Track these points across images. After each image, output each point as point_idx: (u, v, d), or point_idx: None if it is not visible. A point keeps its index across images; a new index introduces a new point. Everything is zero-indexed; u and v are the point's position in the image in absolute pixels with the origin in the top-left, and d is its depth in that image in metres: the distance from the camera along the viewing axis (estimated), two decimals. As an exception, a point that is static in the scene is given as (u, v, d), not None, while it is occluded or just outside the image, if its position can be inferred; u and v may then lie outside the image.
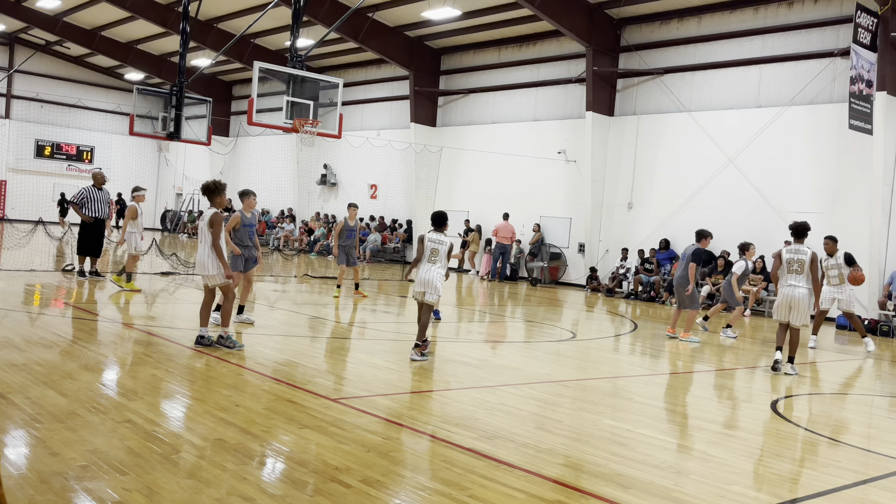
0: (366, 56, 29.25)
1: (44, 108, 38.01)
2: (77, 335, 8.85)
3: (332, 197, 32.24)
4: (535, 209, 24.06)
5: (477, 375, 8.30)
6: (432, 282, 8.79)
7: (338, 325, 11.73)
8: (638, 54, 21.77)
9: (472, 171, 26.30)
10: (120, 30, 32.47)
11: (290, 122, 14.97)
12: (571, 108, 23.46)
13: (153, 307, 12.13)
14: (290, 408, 6.19)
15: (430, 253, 8.89)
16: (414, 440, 5.54)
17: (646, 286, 20.35)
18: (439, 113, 27.81)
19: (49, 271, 15.58)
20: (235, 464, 4.73)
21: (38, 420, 5.30)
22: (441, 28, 25.17)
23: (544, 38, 24.14)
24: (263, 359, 8.38)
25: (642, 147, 21.68)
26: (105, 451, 4.75)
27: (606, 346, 11.80)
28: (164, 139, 18.76)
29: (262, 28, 27.34)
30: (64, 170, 39.06)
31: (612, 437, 6.02)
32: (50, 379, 6.52)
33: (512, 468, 5.03)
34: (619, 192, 22.24)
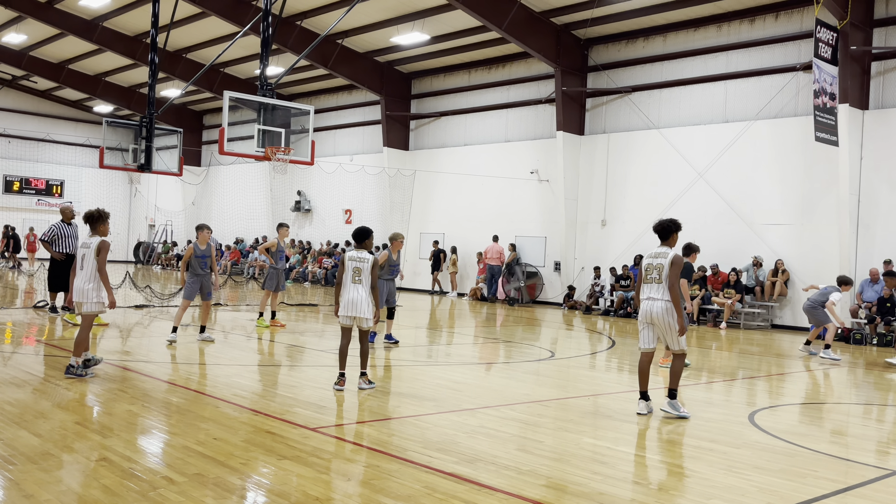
0: (336, 82, 29.36)
1: (11, 143, 37.61)
2: (49, 373, 8.71)
3: (306, 223, 32.16)
4: (510, 229, 24.18)
5: (456, 398, 8.28)
6: (361, 304, 8.25)
7: (314, 352, 11.65)
8: (606, 73, 22.07)
9: (446, 193, 26.40)
10: (87, 62, 32.32)
11: (262, 151, 14.94)
12: (542, 129, 23.68)
13: (127, 341, 11.98)
14: (268, 439, 6.13)
15: (353, 272, 8.33)
16: (395, 467, 5.51)
17: (622, 303, 20.48)
18: (412, 136, 27.93)
19: (20, 308, 15.35)
20: (215, 498, 4.67)
21: (10, 461, 5.20)
22: (411, 52, 25.35)
23: (513, 60, 24.40)
24: (240, 390, 8.30)
25: (613, 164, 21.92)
26: (81, 492, 4.67)
27: (585, 364, 11.83)
28: (134, 171, 18.62)
29: (231, 57, 27.35)
30: (34, 204, 38.63)
31: (592, 456, 6.02)
32: (22, 419, 6.41)
33: (494, 491, 5.02)
34: (593, 209, 22.42)
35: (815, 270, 17.97)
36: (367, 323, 8.37)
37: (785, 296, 18.46)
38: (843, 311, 16.10)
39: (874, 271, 16.62)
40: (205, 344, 11.54)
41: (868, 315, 16.27)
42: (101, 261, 8.51)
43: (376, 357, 11.18)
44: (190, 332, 12.58)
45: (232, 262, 33.11)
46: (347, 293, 8.33)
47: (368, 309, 8.32)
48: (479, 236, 25.10)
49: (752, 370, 11.69)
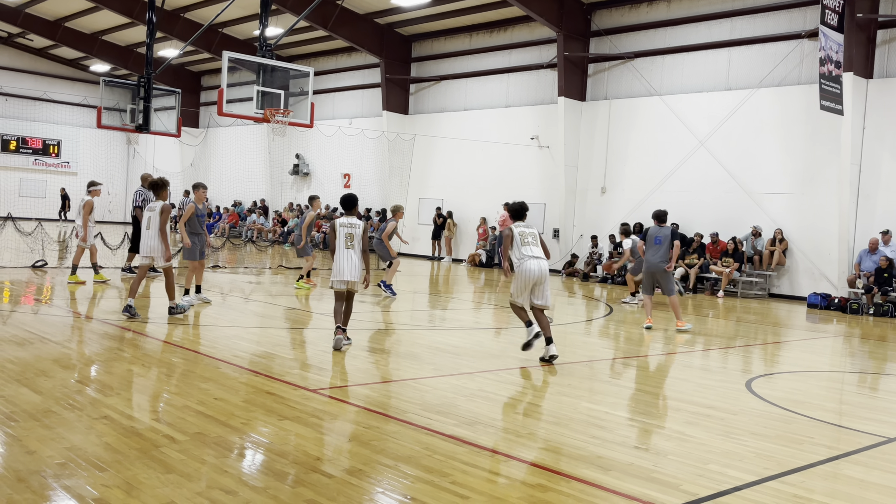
0: (336, 44, 29.05)
1: (7, 101, 37.27)
2: (50, 332, 8.73)
3: (304, 187, 32.04)
4: (509, 195, 24.08)
5: (455, 362, 8.32)
6: (354, 269, 8.48)
7: (314, 315, 11.68)
8: (608, 39, 21.84)
9: (445, 159, 26.28)
10: (84, 20, 31.90)
11: (261, 112, 14.84)
12: (543, 94, 23.50)
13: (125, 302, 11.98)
14: (269, 400, 6.16)
15: (346, 238, 8.53)
16: (394, 429, 5.55)
17: (620, 270, 20.51)
18: (411, 100, 27.72)
19: (19, 268, 15.34)
20: (216, 457, 4.71)
21: (12, 418, 5.23)
22: (411, 15, 25.05)
23: (515, 24, 24.12)
24: (240, 351, 8.33)
25: (615, 131, 21.80)
26: (83, 448, 4.70)
27: (582, 330, 11.87)
28: (132, 131, 18.50)
29: (230, 17, 27.01)
30: (30, 164, 38.42)
31: (590, 420, 6.07)
32: (24, 377, 6.43)
33: (493, 453, 5.06)
34: (593, 176, 22.35)
35: (815, 239, 18.00)
36: (358, 287, 8.64)
37: (783, 265, 18.49)
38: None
39: (873, 241, 16.63)
40: (202, 305, 11.56)
41: (865, 285, 16.33)
42: (163, 221, 9.98)
43: (376, 321, 11.22)
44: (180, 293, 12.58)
45: (230, 225, 33.06)
46: (340, 259, 8.52)
47: (360, 272, 8.56)
48: (477, 202, 25.05)
49: (749, 338, 11.75)
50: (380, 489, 4.40)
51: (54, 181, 38.22)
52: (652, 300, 12.30)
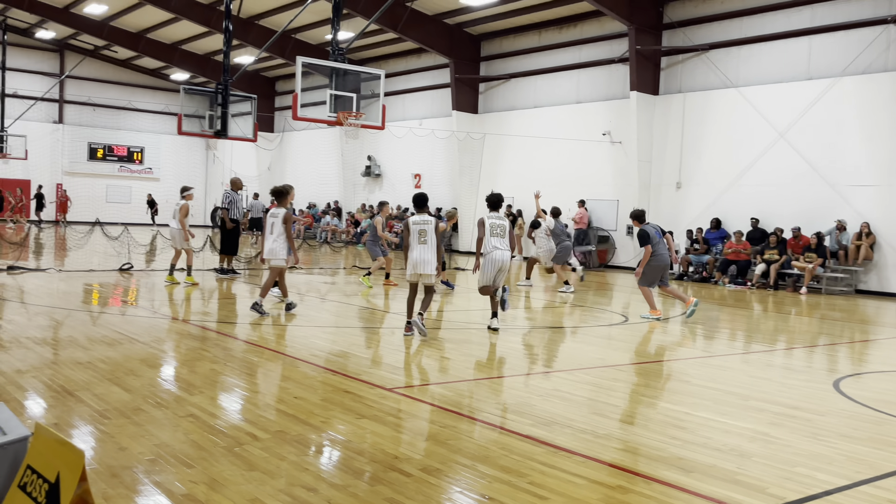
0: (406, 46, 29.29)
1: (95, 111, 38.94)
2: (137, 332, 9.07)
3: (376, 188, 32.40)
4: (581, 192, 23.85)
5: (530, 362, 8.28)
6: (427, 262, 9.14)
7: (389, 315, 11.80)
8: (682, 31, 21.38)
9: (515, 157, 26.19)
10: (165, 31, 33.06)
11: (334, 116, 15.07)
12: (615, 89, 23.16)
13: (208, 303, 12.36)
14: (346, 398, 6.26)
15: (419, 234, 9.18)
16: (470, 428, 5.56)
17: (697, 266, 20.05)
18: (481, 99, 27.72)
19: (107, 271, 15.98)
20: (297, 455, 4.81)
21: (105, 416, 5.45)
22: (480, 14, 25.05)
23: (585, 19, 23.85)
24: (317, 350, 8.48)
25: (689, 125, 21.32)
26: (171, 445, 4.87)
27: (659, 329, 11.66)
28: (211, 137, 19.06)
29: (302, 23, 27.55)
30: (116, 171, 40.02)
31: (670, 421, 5.95)
32: (114, 375, 6.70)
33: (571, 454, 5.02)
34: (667, 171, 21.91)
35: (904, 234, 17.22)
36: (430, 279, 9.25)
37: (871, 260, 17.75)
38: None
39: (969, 234, 15.80)
40: (279, 306, 11.81)
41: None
42: (288, 227, 10.74)
43: (449, 321, 11.26)
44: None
45: (305, 227, 33.71)
46: (414, 253, 9.17)
47: (432, 266, 9.19)
48: (548, 200, 24.84)
49: (834, 336, 11.32)
50: (457, 488, 4.41)
51: (139, 187, 39.72)
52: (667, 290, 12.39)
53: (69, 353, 7.60)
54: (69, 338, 8.48)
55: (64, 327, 9.20)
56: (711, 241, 20.15)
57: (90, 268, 16.18)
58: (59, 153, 38.24)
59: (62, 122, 38.66)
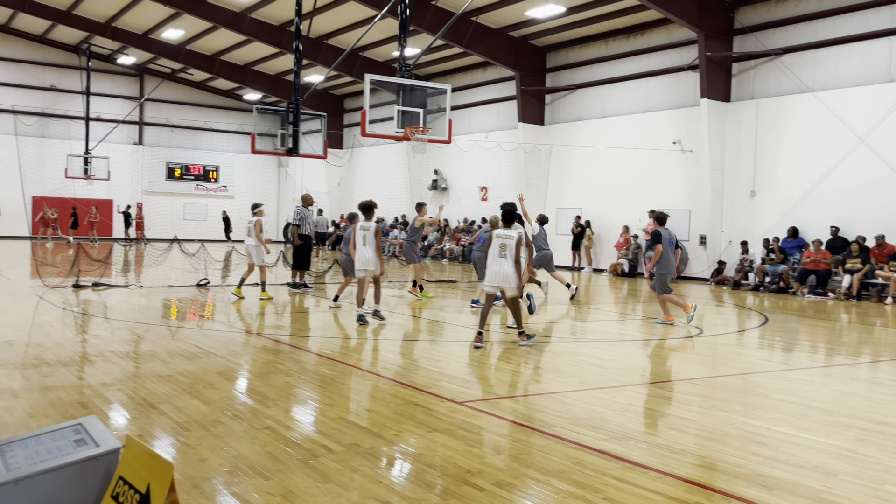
0: (471, 60, 29.43)
1: (173, 132, 40.36)
2: (214, 346, 9.32)
3: (443, 201, 32.56)
4: (651, 202, 23.46)
5: (602, 375, 8.17)
6: (507, 275, 9.33)
7: (455, 327, 11.82)
8: (753, 36, 20.88)
9: (582, 167, 25.97)
10: (237, 53, 34.07)
11: (402, 131, 15.22)
12: (685, 97, 22.77)
13: (281, 317, 12.62)
14: (417, 412, 6.29)
15: (500, 248, 9.40)
16: (543, 442, 5.51)
17: (773, 277, 19.47)
18: (547, 111, 27.61)
19: (185, 286, 16.48)
20: (370, 467, 4.85)
21: (185, 428, 5.61)
22: (545, 26, 25.00)
23: (652, 27, 23.55)
24: (388, 363, 8.55)
25: (763, 132, 20.77)
26: (248, 457, 4.98)
27: (735, 342, 11.35)
28: (283, 155, 19.47)
29: (370, 41, 28.00)
30: (192, 189, 41.31)
31: (749, 436, 5.78)
32: (193, 388, 6.90)
33: (646, 469, 4.92)
34: (740, 180, 21.38)
35: None
36: (514, 291, 9.41)
37: (961, 268, 16.91)
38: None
39: None
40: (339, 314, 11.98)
41: None
42: (378, 240, 11.51)
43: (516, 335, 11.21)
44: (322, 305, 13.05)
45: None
46: (494, 266, 9.40)
47: (513, 279, 9.33)
48: (618, 210, 24.56)
49: (924, 349, 10.81)
50: (531, 503, 4.38)
51: (214, 205, 40.90)
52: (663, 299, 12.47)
53: (151, 367, 7.86)
54: (150, 351, 8.77)
55: (145, 341, 9.53)
56: (788, 251, 19.53)
57: (169, 283, 16.72)
58: (140, 173, 39.71)
59: (142, 144, 40.15)
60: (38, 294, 14.16)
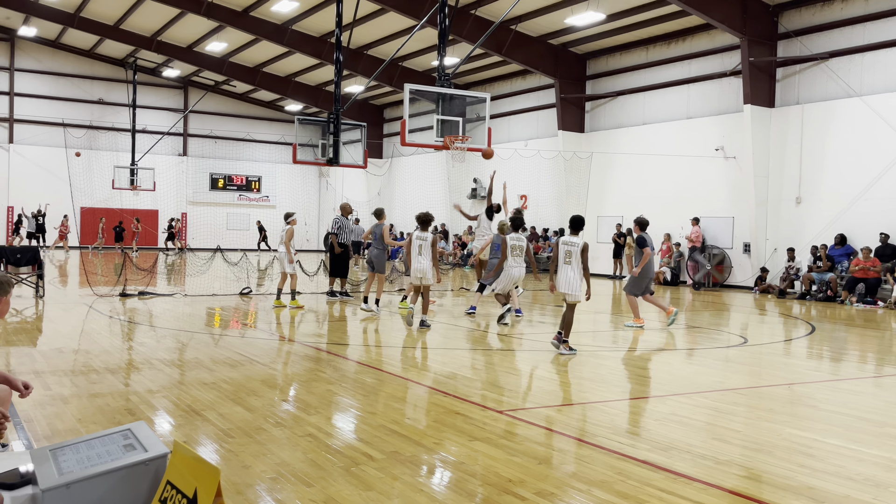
0: (510, 68, 29.44)
1: (216, 143, 41.07)
2: (256, 354, 9.43)
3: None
4: (694, 209, 23.17)
5: (644, 385, 8.08)
6: (572, 282, 9.58)
7: (496, 336, 11.80)
8: (798, 40, 20.54)
9: (623, 175, 25.76)
10: (279, 65, 34.55)
11: (441, 140, 15.25)
12: (728, 103, 22.47)
13: (322, 325, 12.72)
14: (458, 420, 6.28)
15: (565, 255, 9.67)
16: (585, 452, 5.47)
17: (820, 285, 19.05)
18: (587, 118, 27.46)
19: (228, 295, 16.71)
20: (410, 475, 4.86)
21: (230, 435, 5.68)
22: (585, 33, 24.91)
23: (694, 33, 23.31)
24: (428, 371, 8.56)
25: (809, 137, 20.39)
26: (290, 464, 5.02)
27: (781, 351, 11.13)
28: (324, 165, 19.64)
29: (409, 51, 28.19)
30: (235, 199, 41.93)
31: (797, 448, 5.66)
32: (237, 395, 6.98)
33: (691, 480, 4.85)
34: (786, 186, 21.00)
35: None
36: (572, 298, 9.65)
37: None
38: None
39: None
40: (375, 321, 12.03)
41: None
42: (435, 250, 12.04)
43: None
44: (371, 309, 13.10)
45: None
46: (561, 273, 9.73)
47: (579, 286, 9.62)
48: (659, 218, 24.29)
49: (979, 359, 10.48)
50: (573, 513, 4.34)
51: (256, 215, 41.45)
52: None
53: (195, 374, 7.99)
54: (195, 359, 8.91)
55: (189, 349, 9.68)
56: (836, 259, 19.11)
57: (212, 292, 16.97)
58: (184, 184, 40.44)
59: (186, 155, 40.91)
60: (87, 303, 14.48)
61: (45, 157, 36.97)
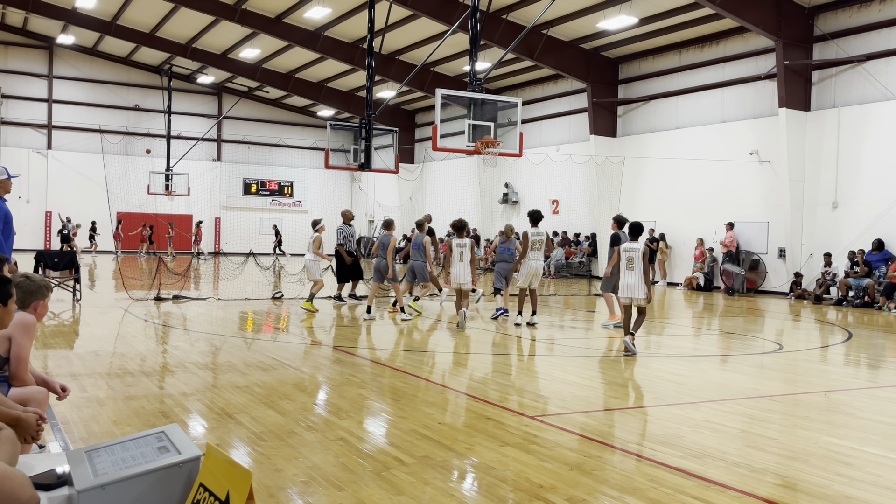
0: (542, 73, 29.38)
1: (249, 148, 41.54)
2: (288, 357, 9.51)
3: (514, 215, 32.47)
4: (729, 214, 22.90)
5: (677, 391, 7.99)
6: (637, 287, 9.98)
7: (527, 341, 11.75)
8: (834, 43, 20.22)
9: (656, 180, 25.55)
10: (312, 70, 34.85)
11: (473, 145, 15.26)
12: (762, 106, 22.19)
13: (353, 330, 12.78)
14: (489, 425, 6.27)
15: (628, 261, 10.05)
16: (617, 458, 5.42)
17: (857, 291, 18.70)
18: (619, 123, 27.30)
19: (261, 299, 16.87)
20: (441, 480, 4.86)
21: (262, 438, 5.73)
22: (617, 37, 24.78)
23: (728, 36, 23.07)
24: (459, 376, 8.56)
25: (846, 141, 20.05)
26: (322, 468, 5.05)
27: (817, 358, 10.95)
28: (356, 170, 19.76)
29: (440, 56, 28.25)
30: (268, 205, 42.33)
31: (833, 456, 5.56)
32: (269, 399, 7.04)
33: (724, 488, 4.79)
34: (822, 191, 20.67)
35: None
36: (642, 302, 10.02)
37: None
38: None
39: None
40: (408, 325, 12.03)
41: None
42: (474, 255, 13.01)
43: (591, 348, 11.08)
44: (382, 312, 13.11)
45: (444, 254, 34.23)
46: (624, 278, 10.11)
47: (642, 290, 9.97)
48: (692, 223, 24.06)
49: None
50: (604, 521, 4.31)
51: (289, 220, 41.79)
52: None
53: (228, 378, 8.07)
54: (228, 363, 9.00)
55: (223, 353, 9.79)
56: (874, 264, 18.75)
57: (245, 296, 17.14)
58: (218, 189, 40.94)
59: (220, 160, 41.42)
60: (123, 307, 14.71)
61: (82, 163, 37.69)
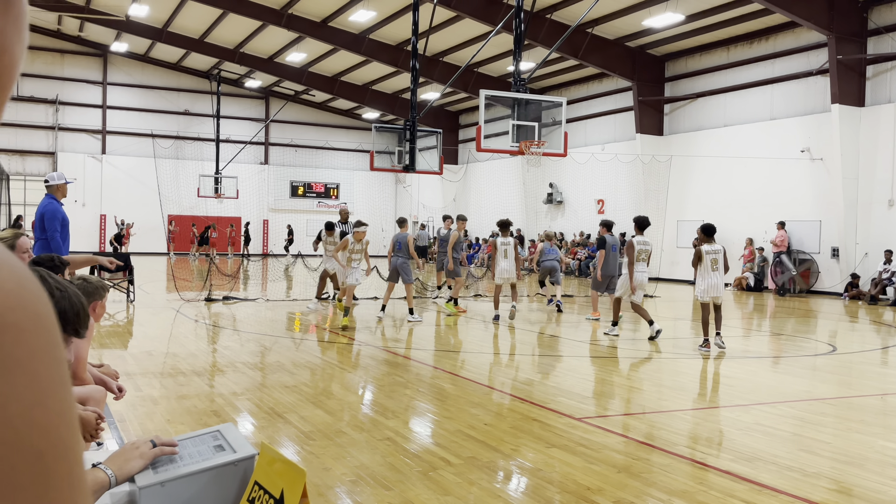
0: (587, 72, 29.17)
1: (296, 151, 42.07)
2: (336, 358, 9.61)
3: (558, 215, 32.32)
4: (779, 213, 22.45)
5: (726, 393, 7.88)
6: (719, 286, 10.45)
7: (573, 342, 11.69)
8: (889, 36, 19.69)
9: (704, 178, 25.17)
10: (356, 74, 35.15)
11: (517, 146, 15.24)
12: (813, 103, 21.71)
13: (400, 331, 12.86)
14: (535, 426, 6.27)
15: (711, 262, 10.43)
16: (665, 461, 5.37)
17: None
18: (666, 121, 26.97)
19: (308, 300, 17.07)
20: (487, 481, 4.87)
21: (311, 437, 5.82)
22: (663, 34, 24.48)
23: (778, 32, 22.63)
24: (504, 377, 8.56)
25: (902, 137, 19.50)
26: (369, 467, 5.11)
27: (873, 360, 10.68)
28: (400, 172, 19.89)
29: (484, 56, 28.25)
30: (315, 206, 42.83)
31: (890, 461, 5.43)
32: (317, 399, 7.14)
33: (776, 493, 4.71)
34: (877, 188, 20.14)
35: None
36: (720, 300, 10.45)
37: None
38: None
39: None
40: (453, 328, 12.05)
41: None
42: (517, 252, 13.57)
43: (638, 349, 10.98)
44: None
45: (488, 255, 34.20)
46: (707, 279, 10.41)
47: (723, 290, 10.48)
48: (742, 222, 23.64)
49: None
50: (653, 524, 4.28)
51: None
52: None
53: (277, 377, 8.20)
54: (276, 363, 9.14)
55: (271, 353, 9.94)
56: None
57: (293, 297, 17.36)
58: (265, 192, 41.55)
59: (267, 163, 42.02)
60: (175, 307, 15.03)
61: (135, 167, 38.57)
